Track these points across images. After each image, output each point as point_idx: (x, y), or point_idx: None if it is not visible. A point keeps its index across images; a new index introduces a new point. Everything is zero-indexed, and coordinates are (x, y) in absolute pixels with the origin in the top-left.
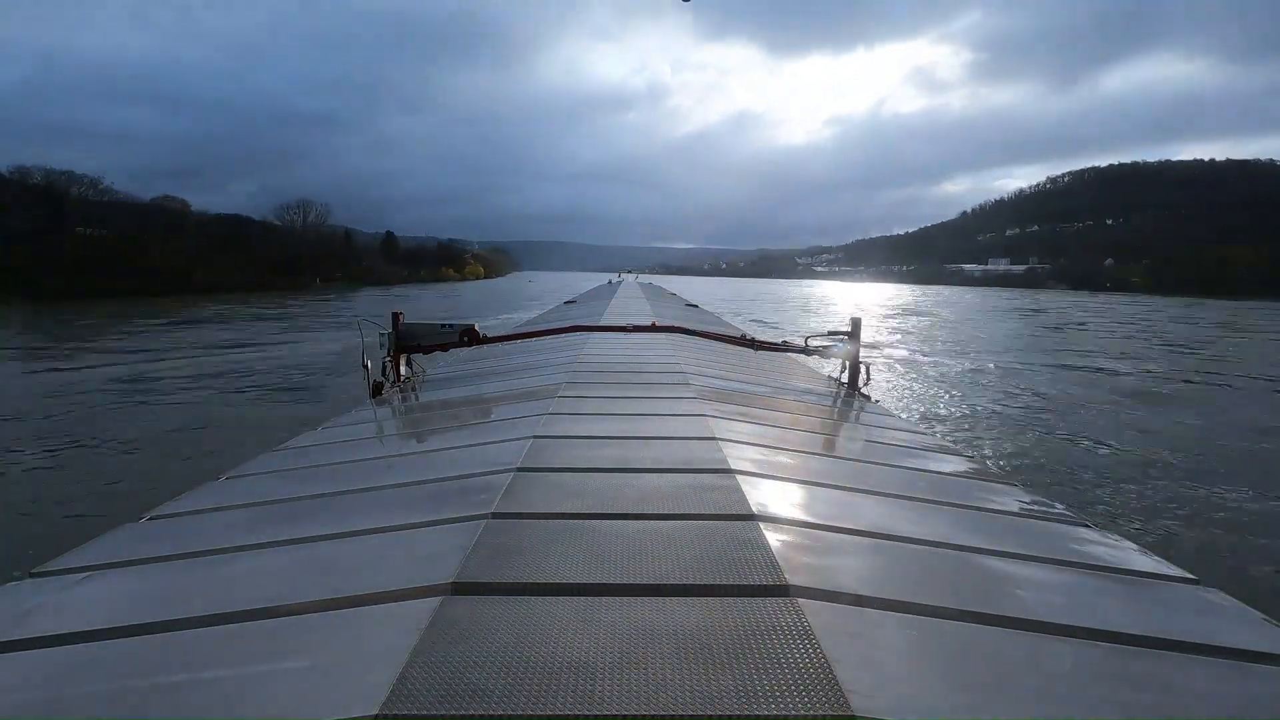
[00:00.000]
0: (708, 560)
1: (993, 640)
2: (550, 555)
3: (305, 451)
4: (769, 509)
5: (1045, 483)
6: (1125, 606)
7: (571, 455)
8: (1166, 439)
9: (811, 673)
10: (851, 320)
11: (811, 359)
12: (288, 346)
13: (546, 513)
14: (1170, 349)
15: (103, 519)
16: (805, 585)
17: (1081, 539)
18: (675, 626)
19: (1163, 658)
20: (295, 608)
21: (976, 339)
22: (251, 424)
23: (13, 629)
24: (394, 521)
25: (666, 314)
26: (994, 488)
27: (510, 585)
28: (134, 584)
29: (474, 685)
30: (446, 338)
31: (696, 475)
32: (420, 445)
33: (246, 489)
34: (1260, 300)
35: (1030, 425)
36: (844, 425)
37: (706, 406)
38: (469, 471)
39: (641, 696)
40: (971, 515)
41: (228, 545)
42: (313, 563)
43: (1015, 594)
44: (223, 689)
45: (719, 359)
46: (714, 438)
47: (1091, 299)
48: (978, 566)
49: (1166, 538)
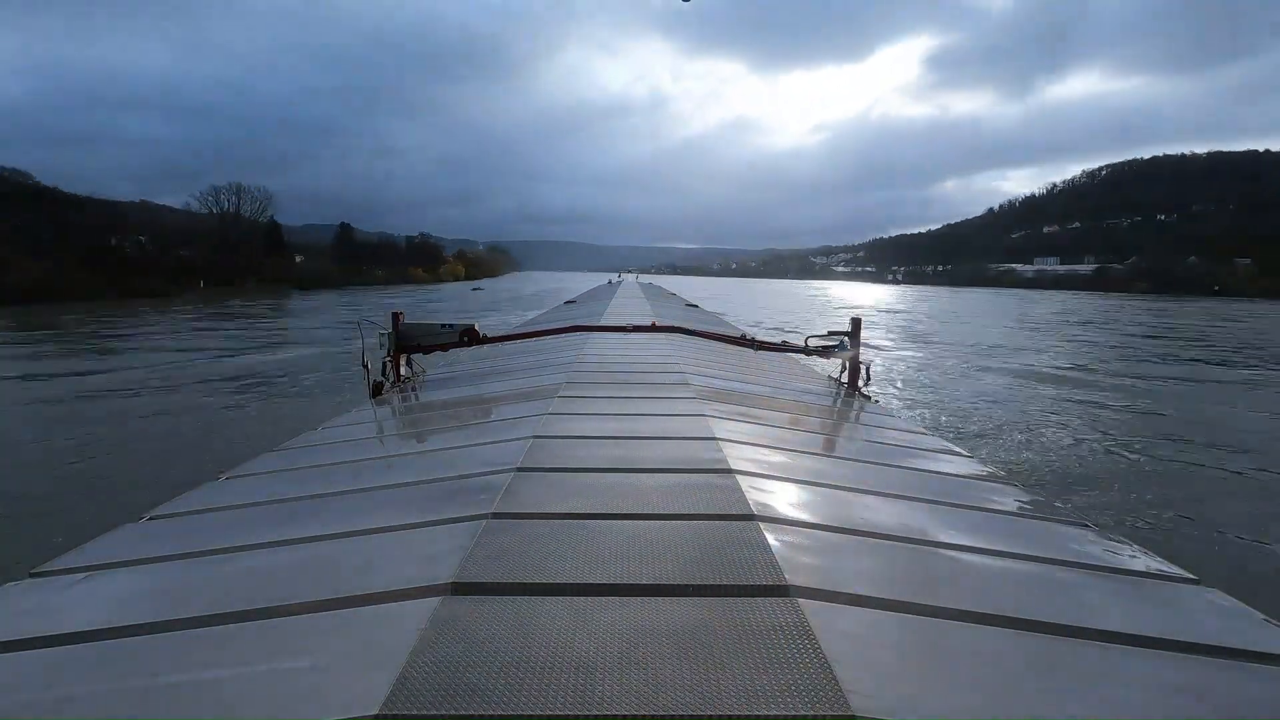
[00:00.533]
0: (707, 560)
1: (993, 640)
2: (550, 555)
3: (305, 451)
4: (769, 509)
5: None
6: (1125, 606)
7: (571, 455)
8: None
9: (811, 673)
10: (851, 320)
11: (812, 359)
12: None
13: (546, 513)
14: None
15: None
16: (805, 585)
17: (1081, 539)
18: (675, 626)
19: (1163, 658)
20: (295, 608)
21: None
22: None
23: (13, 629)
24: (394, 521)
25: (666, 314)
26: (994, 488)
27: (510, 585)
28: (134, 584)
29: (474, 685)
30: (446, 338)
31: (696, 475)
32: (420, 445)
33: (246, 489)
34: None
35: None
36: (844, 425)
37: (706, 406)
38: (469, 471)
39: (641, 696)
40: (972, 515)
41: (228, 545)
42: (313, 563)
43: (1016, 594)
44: (223, 689)
45: (719, 359)
46: (714, 438)
47: (1225, 306)
48: (978, 566)
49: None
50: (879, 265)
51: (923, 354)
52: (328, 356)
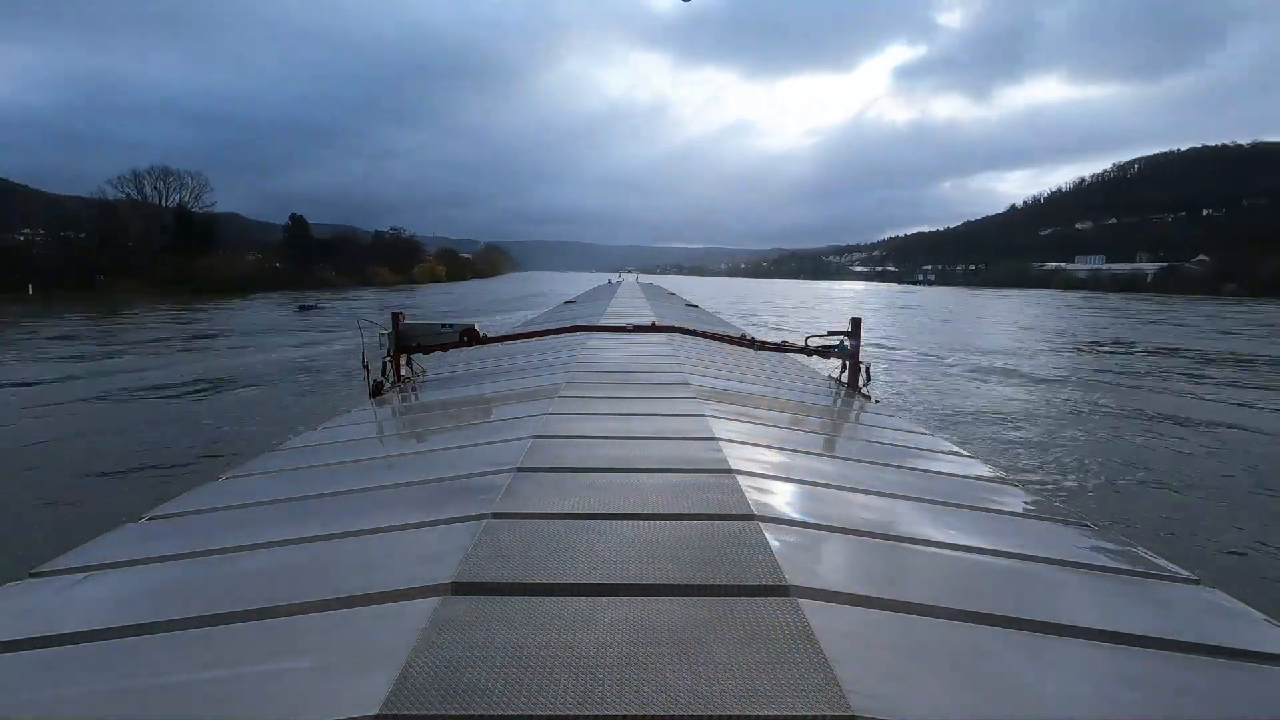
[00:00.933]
0: (708, 560)
1: (993, 640)
2: (550, 555)
3: (305, 451)
4: (769, 509)
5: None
6: (1125, 606)
7: (572, 455)
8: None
9: (811, 673)
10: (851, 320)
11: (812, 359)
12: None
13: (547, 513)
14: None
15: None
16: (805, 585)
17: (1082, 539)
18: (675, 626)
19: (1163, 658)
20: (295, 608)
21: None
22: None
23: (13, 629)
24: (394, 521)
25: (666, 314)
26: (994, 488)
27: (510, 585)
28: (134, 584)
29: (474, 685)
30: (446, 338)
31: (696, 475)
32: (420, 445)
33: (246, 489)
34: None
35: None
36: (844, 425)
37: (706, 406)
38: (469, 471)
39: (641, 696)
40: (972, 515)
41: (228, 545)
42: (313, 563)
43: (1015, 594)
44: (223, 689)
45: (719, 359)
46: (714, 438)
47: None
48: (978, 566)
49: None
50: (901, 264)
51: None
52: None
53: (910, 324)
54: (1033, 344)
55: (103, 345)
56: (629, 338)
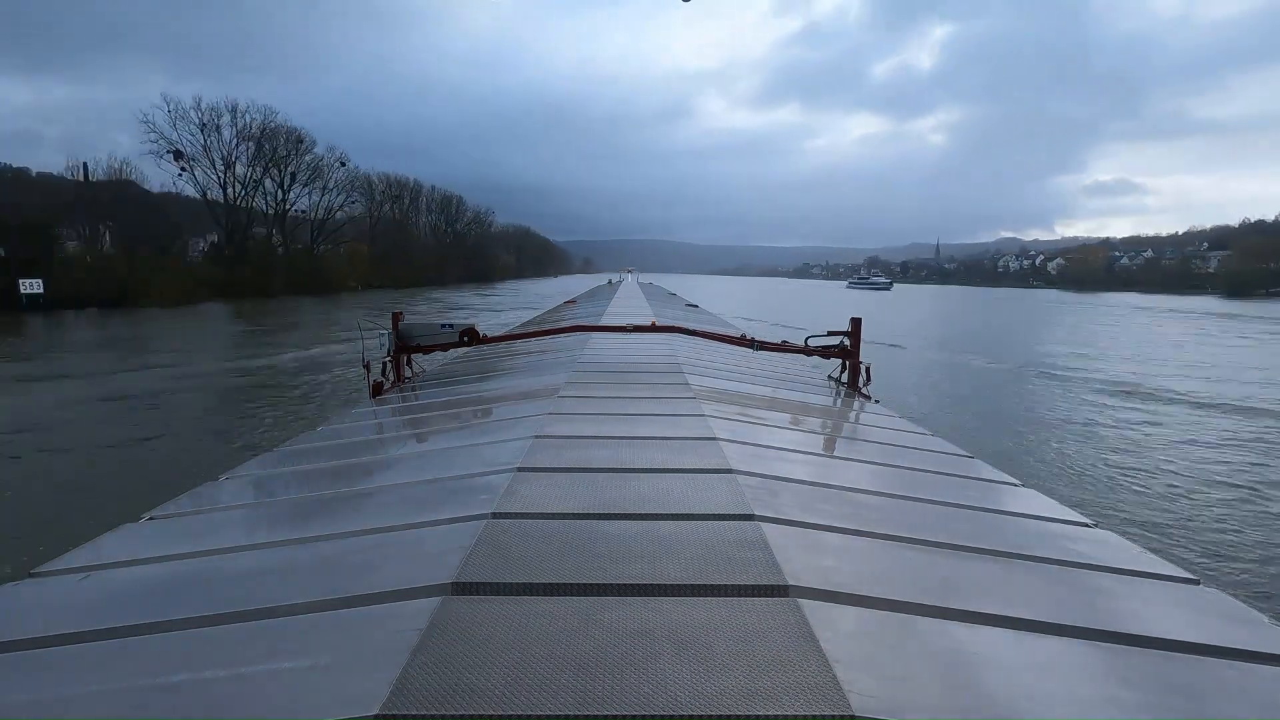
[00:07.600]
0: (708, 560)
1: (993, 640)
2: (550, 555)
3: (305, 452)
4: (769, 509)
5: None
6: (1125, 606)
7: (572, 455)
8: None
9: (811, 673)
10: (852, 320)
11: (812, 359)
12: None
13: (547, 513)
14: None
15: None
16: (805, 585)
17: (1082, 539)
18: (675, 627)
19: (1163, 658)
20: (295, 608)
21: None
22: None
23: (13, 629)
24: (394, 521)
25: (666, 314)
26: (995, 488)
27: (510, 585)
28: (133, 584)
29: (474, 685)
30: (447, 338)
31: (696, 475)
32: (420, 445)
33: (245, 489)
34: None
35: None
36: (844, 425)
37: (706, 406)
38: (469, 471)
39: (641, 696)
40: (972, 515)
41: (227, 545)
42: (313, 563)
43: (1016, 594)
44: (222, 689)
45: (719, 359)
46: (714, 438)
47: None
48: (978, 566)
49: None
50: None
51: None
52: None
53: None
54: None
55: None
56: (629, 338)
